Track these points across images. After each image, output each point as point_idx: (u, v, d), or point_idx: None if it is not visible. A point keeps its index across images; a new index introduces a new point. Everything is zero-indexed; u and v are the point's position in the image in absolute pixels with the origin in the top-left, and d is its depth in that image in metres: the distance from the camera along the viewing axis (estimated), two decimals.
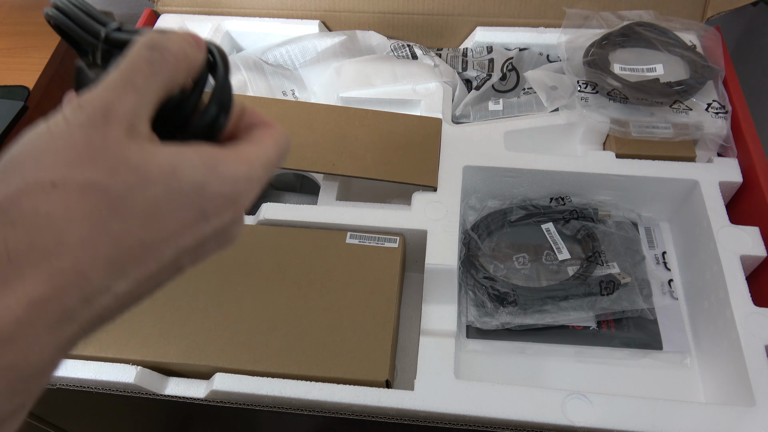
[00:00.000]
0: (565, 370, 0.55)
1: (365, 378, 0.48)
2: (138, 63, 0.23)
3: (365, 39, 0.74)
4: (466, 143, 0.63)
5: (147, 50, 0.24)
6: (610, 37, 0.68)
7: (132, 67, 0.23)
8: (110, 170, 0.21)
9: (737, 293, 0.52)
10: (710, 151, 0.62)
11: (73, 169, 0.21)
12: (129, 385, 0.48)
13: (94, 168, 0.21)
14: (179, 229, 0.22)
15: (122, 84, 0.23)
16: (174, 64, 0.24)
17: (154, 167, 0.22)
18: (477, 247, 0.59)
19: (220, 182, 0.23)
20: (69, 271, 0.20)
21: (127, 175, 0.21)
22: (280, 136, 0.27)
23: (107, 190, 0.21)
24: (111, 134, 0.22)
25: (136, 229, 0.21)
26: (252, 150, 0.25)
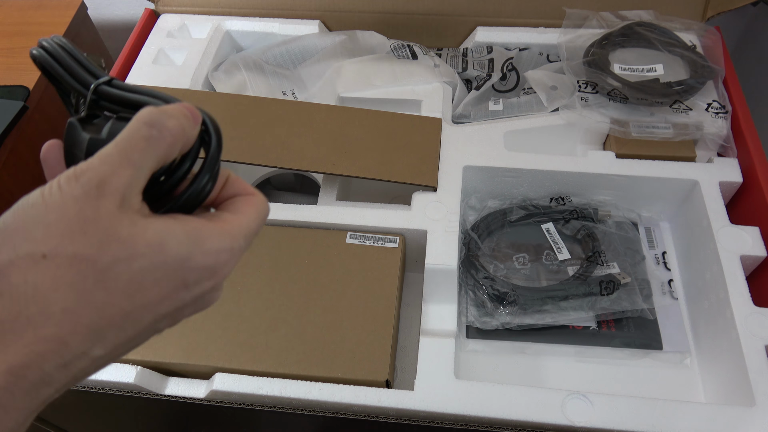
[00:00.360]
0: (565, 370, 0.55)
1: (365, 378, 0.48)
2: (136, 139, 0.24)
3: (365, 39, 0.74)
4: (466, 143, 0.63)
5: (146, 127, 0.24)
6: (610, 37, 0.68)
7: (130, 142, 0.24)
8: (99, 243, 0.22)
9: (737, 293, 0.52)
10: (710, 151, 0.62)
11: (64, 241, 0.22)
12: (129, 385, 0.48)
13: (84, 240, 0.22)
14: (160, 298, 0.24)
15: (119, 159, 0.23)
16: (171, 142, 0.25)
17: (141, 241, 0.23)
18: (477, 247, 0.59)
19: (203, 255, 0.24)
20: (50, 339, 0.21)
21: (115, 248, 0.22)
22: (261, 205, 0.28)
23: (95, 262, 0.22)
24: (103, 207, 0.22)
25: (119, 299, 0.22)
26: (235, 221, 0.26)
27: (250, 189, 0.29)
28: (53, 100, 0.82)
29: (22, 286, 0.21)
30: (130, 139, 0.24)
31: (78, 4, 0.90)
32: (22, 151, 0.75)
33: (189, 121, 0.26)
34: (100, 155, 0.23)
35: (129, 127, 0.24)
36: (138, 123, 0.24)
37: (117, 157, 0.23)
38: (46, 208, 0.22)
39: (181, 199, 0.27)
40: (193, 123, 0.26)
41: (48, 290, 0.21)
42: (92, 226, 0.22)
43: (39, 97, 0.79)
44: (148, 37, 0.77)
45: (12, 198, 0.78)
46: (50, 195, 0.22)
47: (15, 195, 0.77)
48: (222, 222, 0.26)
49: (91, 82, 0.28)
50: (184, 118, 0.25)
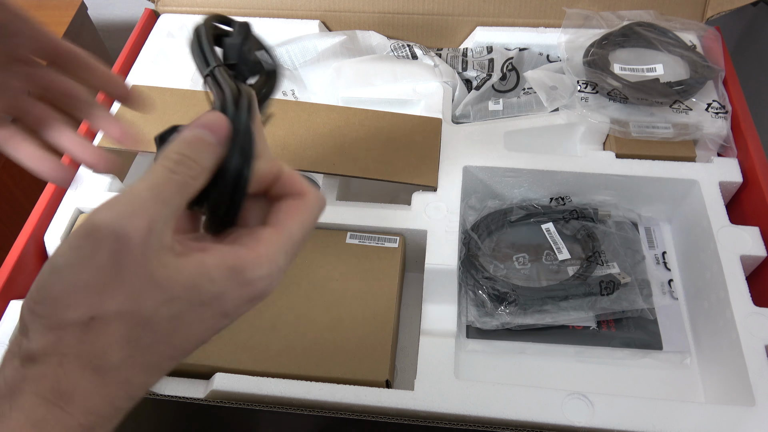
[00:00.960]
0: (565, 370, 0.55)
1: (365, 378, 0.48)
2: (167, 179, 0.24)
3: (365, 39, 0.74)
4: (466, 143, 0.63)
5: (175, 165, 0.24)
6: (610, 37, 0.68)
7: (161, 183, 0.24)
8: (139, 293, 0.23)
9: (737, 293, 0.52)
10: (710, 151, 0.62)
11: (106, 299, 0.22)
12: None
13: (124, 293, 0.23)
14: (203, 330, 0.25)
15: (152, 200, 0.23)
16: (201, 174, 0.25)
17: (177, 285, 0.23)
18: (477, 247, 0.59)
19: (240, 288, 0.25)
20: (118, 382, 0.24)
21: (154, 294, 0.23)
22: (309, 210, 0.28)
23: (138, 312, 0.23)
24: (135, 255, 0.23)
25: (166, 337, 0.24)
26: (274, 239, 0.26)
27: (299, 187, 0.28)
28: None
29: (81, 347, 0.23)
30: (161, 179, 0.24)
31: (78, 4, 0.90)
32: None
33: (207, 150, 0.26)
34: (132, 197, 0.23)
35: (159, 165, 0.25)
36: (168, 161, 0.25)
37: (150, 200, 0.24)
38: (81, 266, 0.22)
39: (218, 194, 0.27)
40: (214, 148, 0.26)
41: (105, 347, 0.23)
42: (128, 277, 0.23)
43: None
44: (148, 37, 0.77)
45: (12, 198, 0.79)
46: (81, 249, 0.22)
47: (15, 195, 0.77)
48: (259, 244, 0.26)
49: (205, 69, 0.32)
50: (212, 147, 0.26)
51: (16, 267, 0.55)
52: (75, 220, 0.59)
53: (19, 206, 0.76)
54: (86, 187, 0.61)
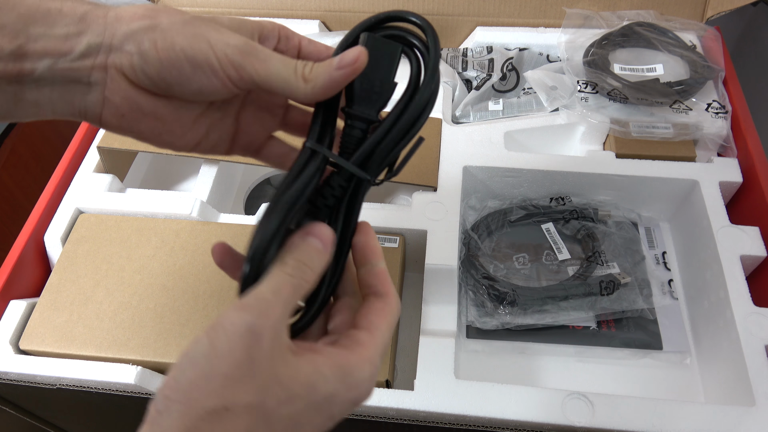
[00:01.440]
0: (565, 370, 0.55)
1: None
2: (286, 282, 0.27)
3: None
4: (466, 143, 0.63)
5: (293, 270, 0.27)
6: (610, 37, 0.68)
7: (281, 286, 0.26)
8: (265, 387, 0.25)
9: (737, 293, 0.52)
10: (710, 151, 0.62)
11: (239, 391, 0.24)
12: (129, 385, 0.49)
13: (254, 387, 0.24)
14: (312, 430, 0.27)
15: (276, 302, 0.26)
16: (313, 278, 0.28)
17: (296, 383, 0.25)
18: (477, 247, 0.59)
19: (349, 389, 0.27)
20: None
21: (277, 391, 0.25)
22: (394, 314, 0.30)
23: (263, 406, 0.24)
24: (264, 351, 0.25)
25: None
26: (371, 343, 0.28)
27: (386, 288, 0.30)
28: None
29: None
30: (282, 283, 0.26)
31: None
32: (22, 151, 0.75)
33: (318, 257, 0.28)
34: (253, 296, 0.26)
35: (279, 269, 0.27)
36: (288, 267, 0.27)
37: (273, 300, 0.26)
38: (219, 359, 0.24)
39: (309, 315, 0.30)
40: (323, 255, 0.29)
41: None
42: (258, 371, 0.24)
43: None
44: None
45: (12, 198, 0.78)
46: (219, 342, 0.24)
47: (15, 195, 0.77)
48: (361, 347, 0.28)
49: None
50: (325, 254, 0.29)
51: (16, 267, 0.55)
52: (75, 220, 0.59)
53: (19, 206, 0.76)
54: (86, 187, 0.61)
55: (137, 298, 0.53)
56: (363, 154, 0.30)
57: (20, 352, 0.52)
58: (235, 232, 0.57)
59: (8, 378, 0.51)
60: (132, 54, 0.28)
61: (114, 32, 0.28)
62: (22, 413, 0.58)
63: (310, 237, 0.29)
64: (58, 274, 0.55)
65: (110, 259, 0.56)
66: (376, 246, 0.31)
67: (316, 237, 0.29)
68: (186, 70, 0.28)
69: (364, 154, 0.30)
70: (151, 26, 0.28)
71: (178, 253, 0.56)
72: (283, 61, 0.29)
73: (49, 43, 0.27)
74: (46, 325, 0.52)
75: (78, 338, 0.51)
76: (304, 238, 0.29)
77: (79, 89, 0.29)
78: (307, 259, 0.28)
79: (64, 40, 0.28)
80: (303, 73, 0.29)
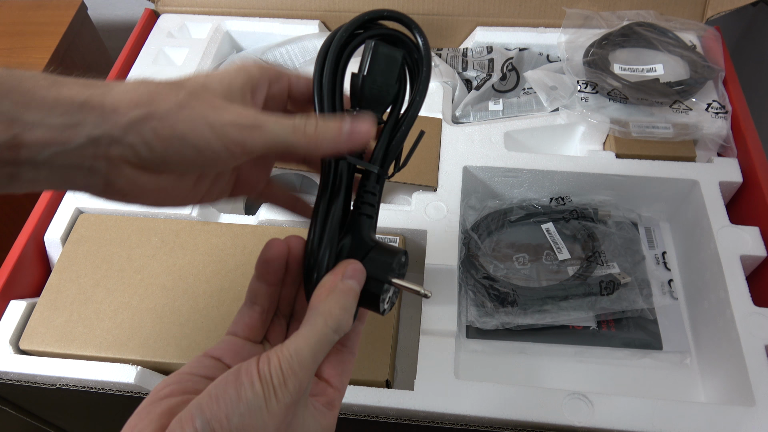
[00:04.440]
0: (565, 370, 0.55)
1: (365, 378, 0.48)
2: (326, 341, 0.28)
3: None
4: (466, 143, 0.63)
5: (337, 326, 0.28)
6: (610, 37, 0.68)
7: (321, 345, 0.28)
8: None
9: (737, 293, 0.52)
10: (710, 151, 0.62)
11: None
12: (129, 385, 0.48)
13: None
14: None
15: (312, 361, 0.27)
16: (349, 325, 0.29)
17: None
18: (477, 247, 0.59)
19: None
20: None
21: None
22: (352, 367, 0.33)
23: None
24: (299, 411, 0.27)
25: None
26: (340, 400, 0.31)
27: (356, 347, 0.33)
28: None
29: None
30: (321, 344, 0.28)
31: (78, 4, 0.90)
32: None
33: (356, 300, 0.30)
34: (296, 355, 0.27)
35: (319, 329, 0.28)
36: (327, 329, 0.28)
37: (311, 361, 0.27)
38: (269, 416, 0.26)
39: None
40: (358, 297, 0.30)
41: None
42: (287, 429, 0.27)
43: None
44: (148, 37, 0.77)
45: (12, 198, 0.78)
46: (270, 401, 0.26)
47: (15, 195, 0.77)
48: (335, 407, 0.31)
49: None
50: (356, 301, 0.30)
51: (16, 267, 0.55)
52: (75, 220, 0.59)
53: (19, 206, 0.76)
54: None
55: (137, 298, 0.53)
56: (380, 154, 0.32)
57: (20, 352, 0.52)
58: (235, 232, 0.57)
59: (8, 378, 0.51)
60: (135, 145, 0.28)
61: (113, 124, 0.28)
62: (22, 413, 0.58)
63: (350, 281, 0.30)
64: (58, 274, 0.55)
65: (110, 259, 0.56)
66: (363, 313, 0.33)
67: (354, 279, 0.30)
68: (190, 155, 0.29)
69: (382, 154, 0.32)
70: (149, 115, 0.28)
71: (178, 253, 0.56)
72: (280, 124, 0.30)
73: (46, 134, 0.27)
74: (46, 325, 0.52)
75: (78, 338, 0.51)
76: (344, 282, 0.30)
77: (80, 173, 0.29)
78: (349, 305, 0.29)
79: (61, 130, 0.27)
80: (305, 131, 0.30)
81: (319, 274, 0.30)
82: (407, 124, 0.32)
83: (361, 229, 0.31)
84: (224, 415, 0.25)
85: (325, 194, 0.31)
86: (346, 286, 0.29)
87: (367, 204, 0.32)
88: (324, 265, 0.30)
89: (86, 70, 0.92)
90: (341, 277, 0.30)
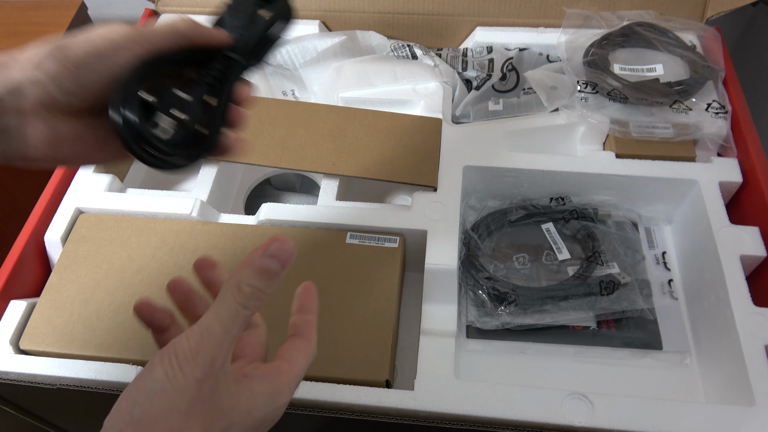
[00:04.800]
0: (565, 370, 0.55)
1: (365, 378, 0.48)
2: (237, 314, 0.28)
3: (365, 39, 0.74)
4: (466, 143, 0.63)
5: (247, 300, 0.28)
6: (610, 37, 0.68)
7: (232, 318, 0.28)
8: (213, 418, 0.27)
9: (737, 293, 0.52)
10: (710, 151, 0.62)
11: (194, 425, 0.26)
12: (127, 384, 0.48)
13: (205, 419, 0.27)
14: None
15: (224, 336, 0.27)
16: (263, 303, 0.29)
17: (236, 411, 0.28)
18: (477, 247, 0.59)
19: (274, 411, 0.30)
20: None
21: (222, 419, 0.27)
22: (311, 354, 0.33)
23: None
24: (213, 385, 0.27)
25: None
26: (292, 373, 0.31)
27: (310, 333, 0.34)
28: None
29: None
30: (232, 318, 0.28)
31: (78, 4, 0.90)
32: None
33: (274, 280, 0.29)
34: (207, 331, 0.27)
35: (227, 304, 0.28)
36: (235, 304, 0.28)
37: (222, 335, 0.27)
38: (175, 394, 0.26)
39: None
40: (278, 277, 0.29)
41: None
42: (209, 404, 0.27)
43: None
44: None
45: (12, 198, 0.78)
46: (175, 379, 0.26)
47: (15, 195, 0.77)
48: (284, 376, 0.31)
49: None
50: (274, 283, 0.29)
51: (16, 267, 0.55)
52: (75, 220, 0.59)
53: (19, 206, 0.76)
54: (86, 187, 0.61)
55: (137, 298, 0.53)
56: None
57: (20, 352, 0.52)
58: (235, 232, 0.57)
59: (8, 378, 0.51)
60: (45, 83, 0.29)
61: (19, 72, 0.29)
62: (22, 413, 0.58)
63: (270, 260, 0.29)
64: (58, 274, 0.55)
65: (110, 259, 0.56)
66: (314, 302, 0.35)
67: (275, 258, 0.29)
68: (99, 66, 0.30)
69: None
70: (52, 50, 0.29)
71: (178, 253, 0.56)
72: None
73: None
74: (46, 325, 0.52)
75: (78, 338, 0.51)
76: (264, 259, 0.29)
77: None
78: (264, 285, 0.29)
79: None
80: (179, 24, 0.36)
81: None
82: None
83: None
84: (127, 412, 0.26)
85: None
86: (262, 264, 0.29)
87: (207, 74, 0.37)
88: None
89: None
90: (262, 252, 0.29)
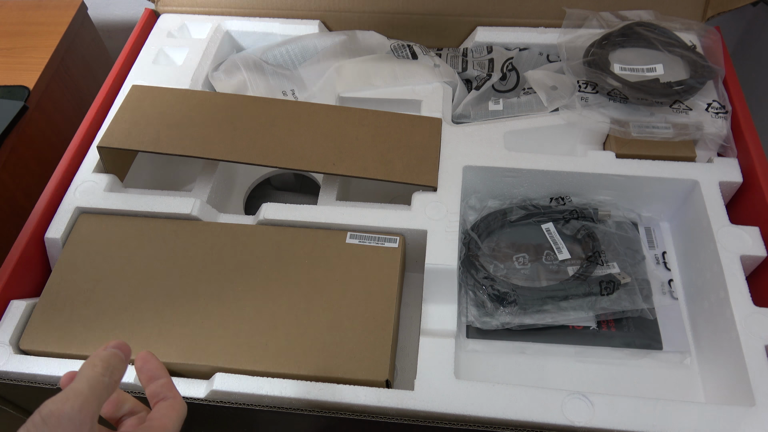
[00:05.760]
0: (565, 370, 0.55)
1: (365, 378, 0.48)
2: (99, 381, 0.31)
3: (365, 39, 0.74)
4: (466, 143, 0.63)
5: (104, 370, 0.32)
6: (610, 37, 0.68)
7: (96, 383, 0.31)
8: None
9: (737, 293, 0.52)
10: (710, 151, 0.62)
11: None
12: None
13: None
14: None
15: (92, 396, 0.30)
16: (119, 381, 0.33)
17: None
18: (477, 247, 0.59)
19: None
20: None
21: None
22: (180, 407, 0.35)
23: None
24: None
25: None
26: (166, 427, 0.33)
27: (172, 392, 0.36)
28: (53, 100, 0.82)
29: None
30: (95, 381, 0.31)
31: (78, 4, 0.90)
32: (22, 151, 0.75)
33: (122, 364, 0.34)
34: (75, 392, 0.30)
35: (90, 370, 0.31)
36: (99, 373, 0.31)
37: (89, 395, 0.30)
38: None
39: None
40: (125, 364, 0.34)
41: None
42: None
43: (39, 97, 0.79)
44: (148, 37, 0.77)
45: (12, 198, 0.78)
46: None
47: (15, 195, 0.77)
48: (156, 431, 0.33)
49: None
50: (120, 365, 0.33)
51: (16, 267, 0.55)
52: (75, 220, 0.59)
53: (19, 206, 0.76)
54: (86, 187, 0.61)
55: (137, 298, 0.53)
56: None
57: (20, 352, 0.52)
58: (235, 232, 0.57)
59: (8, 378, 0.51)
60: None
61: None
62: (23, 413, 0.58)
63: (114, 350, 0.34)
64: (58, 274, 0.55)
65: (110, 259, 0.56)
66: (157, 366, 0.37)
67: (120, 349, 0.34)
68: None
69: None
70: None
71: (178, 253, 0.56)
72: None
73: None
74: (46, 325, 0.52)
75: (78, 338, 0.51)
76: (109, 348, 0.34)
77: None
78: (116, 363, 0.33)
79: None
80: None
81: None
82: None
83: None
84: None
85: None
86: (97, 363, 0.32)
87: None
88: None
89: (86, 70, 0.92)
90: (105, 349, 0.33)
